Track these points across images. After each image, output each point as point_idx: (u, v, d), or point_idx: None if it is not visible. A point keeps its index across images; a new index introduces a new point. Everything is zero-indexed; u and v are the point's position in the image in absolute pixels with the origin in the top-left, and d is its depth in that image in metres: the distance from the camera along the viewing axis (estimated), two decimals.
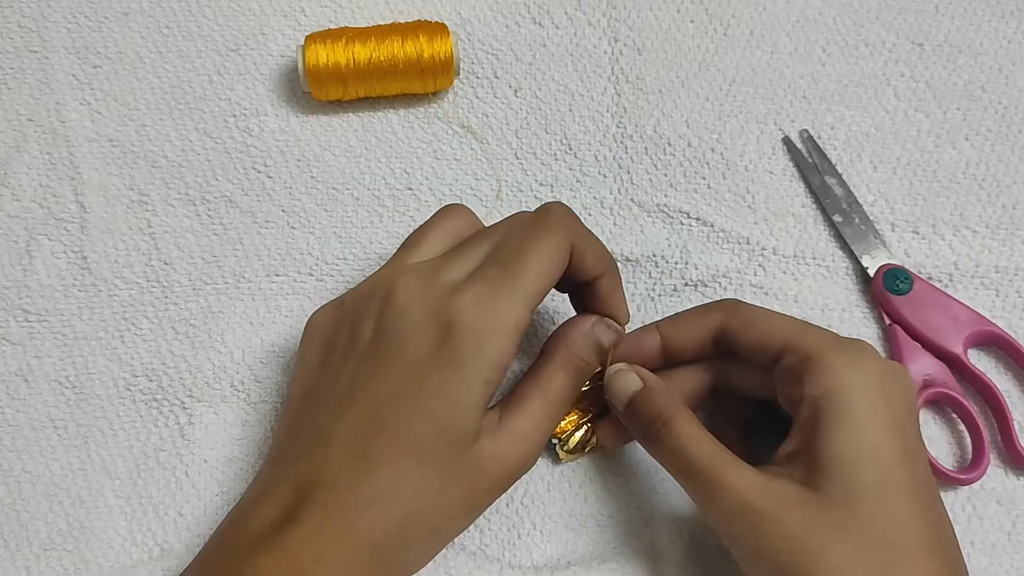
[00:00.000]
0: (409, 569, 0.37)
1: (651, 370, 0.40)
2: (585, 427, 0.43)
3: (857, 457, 0.34)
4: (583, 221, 0.47)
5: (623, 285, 0.45)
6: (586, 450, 0.43)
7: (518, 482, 0.43)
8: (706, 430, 0.37)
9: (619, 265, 0.47)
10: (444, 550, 0.41)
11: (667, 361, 0.41)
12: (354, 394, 0.36)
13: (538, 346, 0.41)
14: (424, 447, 0.34)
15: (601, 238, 0.47)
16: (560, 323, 0.41)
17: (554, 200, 0.41)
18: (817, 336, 0.37)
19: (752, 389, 0.41)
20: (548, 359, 0.39)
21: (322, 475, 0.35)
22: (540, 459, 0.44)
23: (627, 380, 0.39)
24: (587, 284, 0.40)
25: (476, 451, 0.35)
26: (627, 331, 0.45)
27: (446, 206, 0.41)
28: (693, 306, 0.41)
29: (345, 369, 0.37)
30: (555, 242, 0.37)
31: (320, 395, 0.37)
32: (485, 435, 0.36)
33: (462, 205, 0.41)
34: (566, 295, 0.43)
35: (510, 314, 0.35)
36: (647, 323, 0.42)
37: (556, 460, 0.44)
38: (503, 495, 0.41)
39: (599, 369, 0.41)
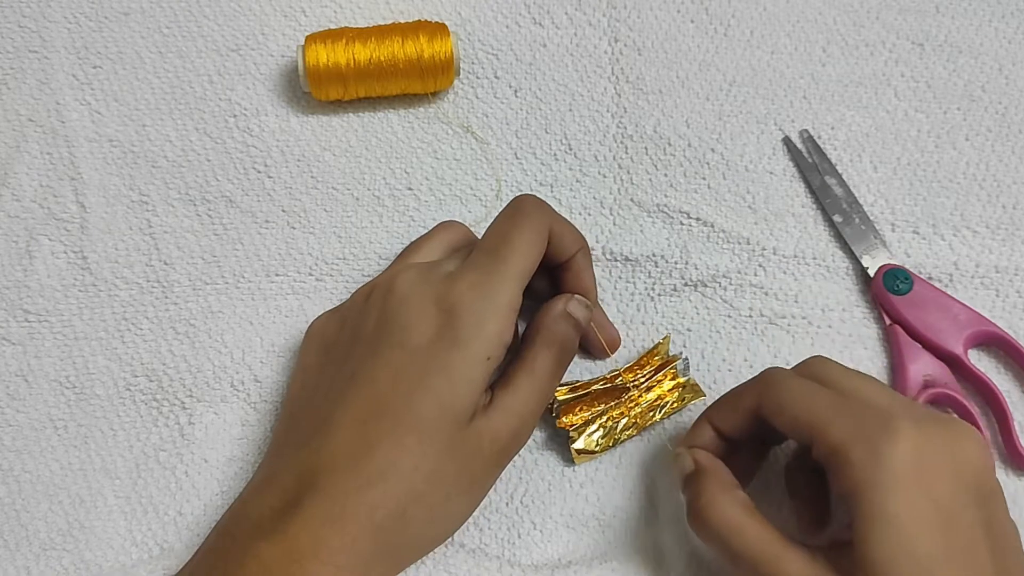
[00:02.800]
0: (409, 551, 0.38)
1: (721, 453, 0.40)
2: (598, 425, 0.43)
3: (893, 559, 0.32)
4: (583, 221, 0.48)
5: (624, 285, 0.48)
6: (598, 451, 0.43)
7: (518, 482, 0.43)
8: (755, 514, 0.36)
9: (619, 265, 0.48)
10: (444, 548, 0.42)
11: (729, 445, 0.40)
12: (356, 381, 0.37)
13: None
14: (425, 424, 0.36)
15: (601, 238, 0.48)
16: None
17: (529, 194, 0.42)
18: (842, 425, 0.34)
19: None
20: (531, 342, 0.40)
21: (323, 461, 0.36)
22: (541, 459, 0.44)
23: (682, 463, 0.39)
24: (563, 264, 0.42)
25: (472, 428, 0.37)
26: (627, 329, 0.45)
27: (443, 221, 0.45)
28: (736, 385, 0.40)
29: (348, 361, 0.38)
30: (534, 226, 0.39)
31: (322, 388, 0.39)
32: (479, 414, 0.37)
33: (458, 221, 0.45)
34: None
35: (504, 293, 0.37)
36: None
37: (570, 462, 0.44)
38: (503, 491, 0.41)
39: (616, 375, 0.44)
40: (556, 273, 0.43)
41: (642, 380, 0.44)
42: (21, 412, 0.45)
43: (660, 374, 0.44)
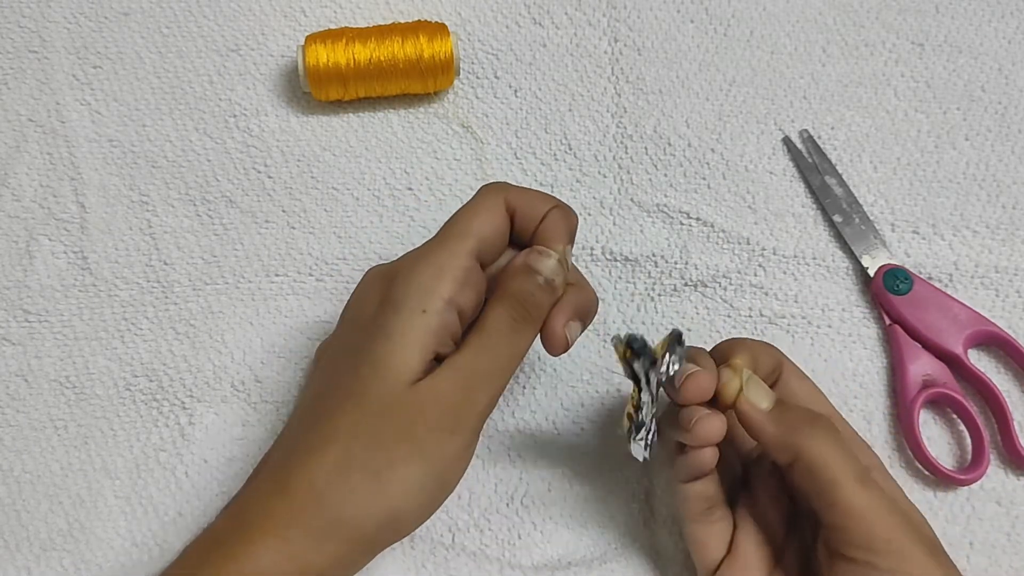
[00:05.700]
0: (362, 526, 0.35)
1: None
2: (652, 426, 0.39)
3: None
4: (583, 221, 0.48)
5: (624, 285, 0.47)
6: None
7: (518, 483, 0.43)
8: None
9: (619, 265, 0.47)
10: (444, 551, 0.42)
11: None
12: (322, 367, 0.39)
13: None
14: (362, 387, 0.35)
15: (601, 238, 0.48)
16: None
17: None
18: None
19: None
20: (488, 303, 0.38)
21: (279, 441, 0.37)
22: (539, 458, 0.44)
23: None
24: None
25: (414, 389, 0.35)
26: (627, 329, 0.45)
27: None
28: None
29: (325, 356, 0.40)
30: (484, 197, 0.38)
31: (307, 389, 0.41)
32: (427, 376, 0.35)
33: None
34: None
35: (442, 250, 0.37)
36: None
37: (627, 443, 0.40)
38: (503, 492, 0.41)
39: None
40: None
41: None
42: (21, 412, 0.44)
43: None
